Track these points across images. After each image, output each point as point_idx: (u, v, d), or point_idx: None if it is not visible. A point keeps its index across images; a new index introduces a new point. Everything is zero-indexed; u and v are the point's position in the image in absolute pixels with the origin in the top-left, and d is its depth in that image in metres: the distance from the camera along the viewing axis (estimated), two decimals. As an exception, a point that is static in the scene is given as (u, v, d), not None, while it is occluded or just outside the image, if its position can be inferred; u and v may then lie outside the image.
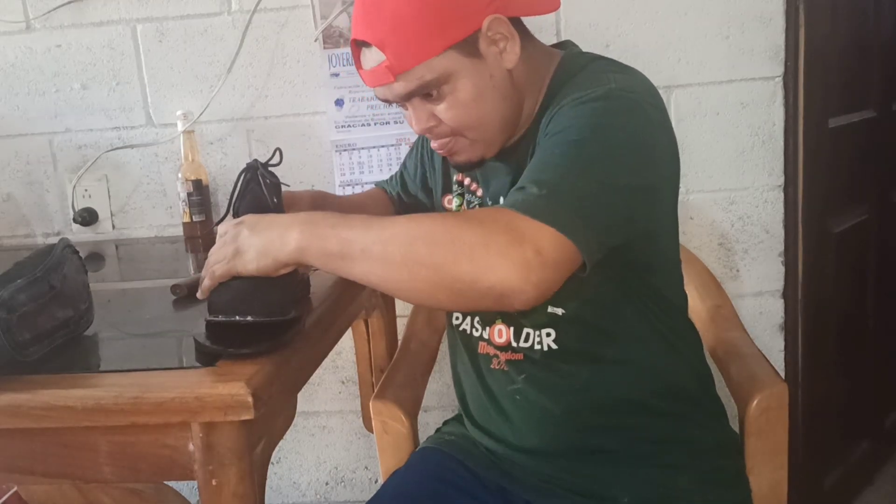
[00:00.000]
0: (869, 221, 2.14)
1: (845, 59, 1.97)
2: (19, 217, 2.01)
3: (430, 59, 1.06)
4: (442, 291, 0.91)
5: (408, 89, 1.09)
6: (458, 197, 1.30)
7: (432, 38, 1.06)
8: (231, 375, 0.92)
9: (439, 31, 1.06)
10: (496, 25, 1.09)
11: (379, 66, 1.07)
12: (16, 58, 1.93)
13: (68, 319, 1.05)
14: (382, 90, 1.12)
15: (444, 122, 1.12)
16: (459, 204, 1.29)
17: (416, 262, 0.91)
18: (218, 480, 0.93)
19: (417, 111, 1.12)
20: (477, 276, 0.88)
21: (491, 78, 1.10)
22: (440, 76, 1.07)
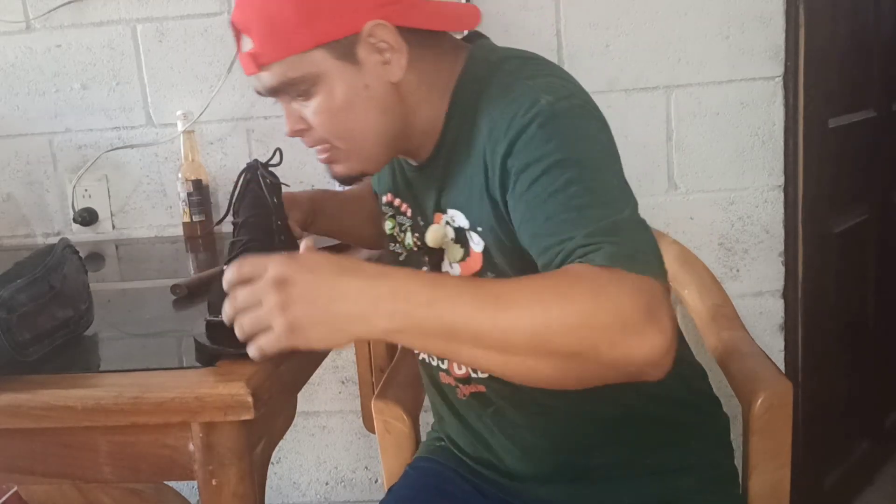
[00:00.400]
0: (869, 221, 2.14)
1: (845, 59, 1.97)
2: (19, 217, 2.01)
3: (296, 55, 0.97)
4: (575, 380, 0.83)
5: (272, 84, 1.01)
6: (389, 219, 1.20)
7: (301, 32, 0.96)
8: (231, 375, 0.92)
9: (310, 25, 0.96)
10: (380, 33, 0.98)
11: (248, 52, 0.99)
12: (16, 58, 1.93)
13: (68, 319, 1.05)
14: (253, 81, 1.03)
15: (314, 128, 1.04)
16: (392, 226, 1.19)
17: (547, 352, 0.80)
18: (218, 480, 0.93)
19: (287, 110, 1.05)
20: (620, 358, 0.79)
21: (366, 88, 1.00)
22: (306, 76, 0.99)
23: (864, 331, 2.20)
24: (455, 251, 1.06)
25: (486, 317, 0.79)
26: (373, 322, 0.80)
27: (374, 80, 1.00)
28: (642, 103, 1.79)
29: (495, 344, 0.80)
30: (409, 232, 1.15)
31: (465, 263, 1.05)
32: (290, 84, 1.00)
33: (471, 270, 1.05)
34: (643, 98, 1.79)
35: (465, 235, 1.04)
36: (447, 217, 1.07)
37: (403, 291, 0.80)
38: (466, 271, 1.05)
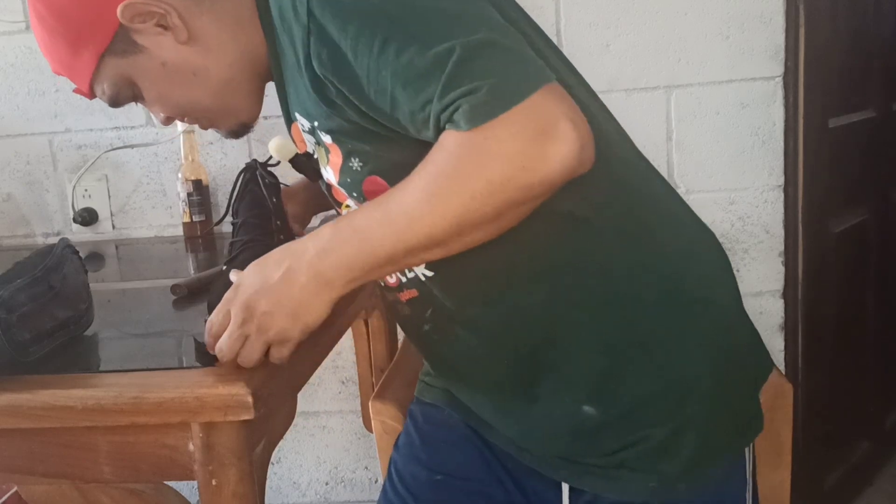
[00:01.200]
0: (869, 221, 2.14)
1: (845, 59, 1.97)
2: (19, 217, 2.01)
3: (95, 74, 1.03)
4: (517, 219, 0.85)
5: (109, 101, 1.07)
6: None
7: (79, 55, 1.01)
8: (231, 375, 0.92)
9: (81, 46, 1.01)
10: (132, 11, 0.97)
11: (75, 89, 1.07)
12: (16, 58, 1.93)
13: (68, 319, 1.05)
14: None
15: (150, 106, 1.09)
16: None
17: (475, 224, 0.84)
18: (218, 480, 0.93)
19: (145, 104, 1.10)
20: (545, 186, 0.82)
21: (164, 65, 1.01)
22: (118, 84, 1.05)
23: (864, 331, 2.20)
24: (322, 155, 1.00)
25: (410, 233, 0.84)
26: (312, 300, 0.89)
27: (166, 52, 1.00)
28: (642, 103, 1.79)
29: (430, 245, 0.85)
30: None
31: (332, 161, 0.98)
32: (117, 96, 1.06)
33: (337, 165, 0.98)
34: (643, 98, 1.79)
35: (317, 135, 0.98)
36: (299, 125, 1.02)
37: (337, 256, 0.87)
38: (335, 167, 0.98)
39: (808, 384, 1.91)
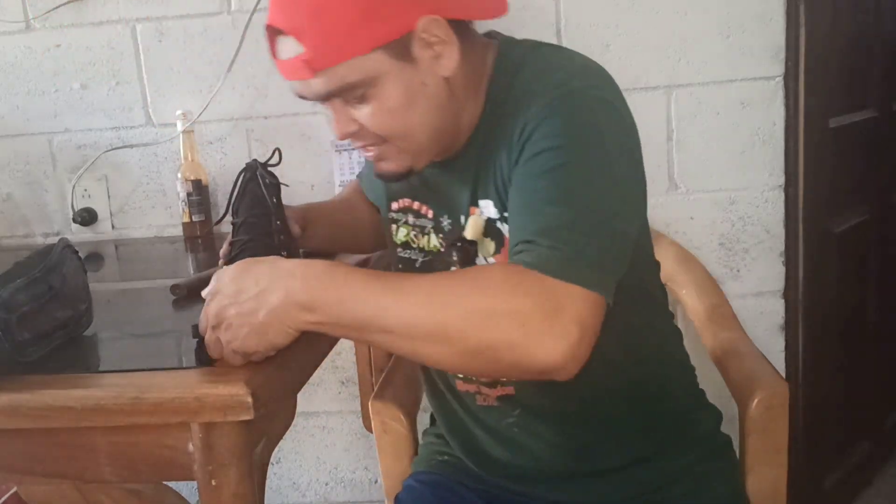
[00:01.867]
0: (870, 221, 2.14)
1: (846, 58, 1.97)
2: (19, 217, 2.01)
3: (355, 58, 0.94)
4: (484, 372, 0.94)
5: (328, 88, 0.98)
6: (403, 226, 1.17)
7: (358, 34, 0.93)
8: (231, 375, 0.92)
9: (367, 27, 0.93)
10: (432, 27, 0.96)
11: (296, 58, 0.95)
12: (16, 58, 1.93)
13: (68, 319, 1.05)
14: (299, 86, 1.00)
15: (368, 128, 1.01)
16: (406, 233, 1.17)
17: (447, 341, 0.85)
18: (218, 481, 0.92)
19: (338, 114, 1.02)
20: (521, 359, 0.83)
21: (423, 86, 0.99)
22: (365, 78, 0.96)
23: (864, 331, 2.20)
24: (488, 245, 1.06)
25: (391, 309, 0.86)
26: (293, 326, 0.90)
27: (429, 76, 0.99)
28: (642, 103, 1.79)
29: (401, 332, 0.86)
30: (431, 234, 1.13)
31: (500, 255, 1.05)
32: (348, 88, 0.97)
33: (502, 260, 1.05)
34: (643, 98, 1.79)
35: (497, 227, 1.04)
36: (479, 210, 1.06)
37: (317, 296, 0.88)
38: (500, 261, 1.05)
39: (808, 384, 1.91)
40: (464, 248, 1.08)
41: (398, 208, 1.18)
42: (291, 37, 0.95)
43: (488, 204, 1.05)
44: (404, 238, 1.17)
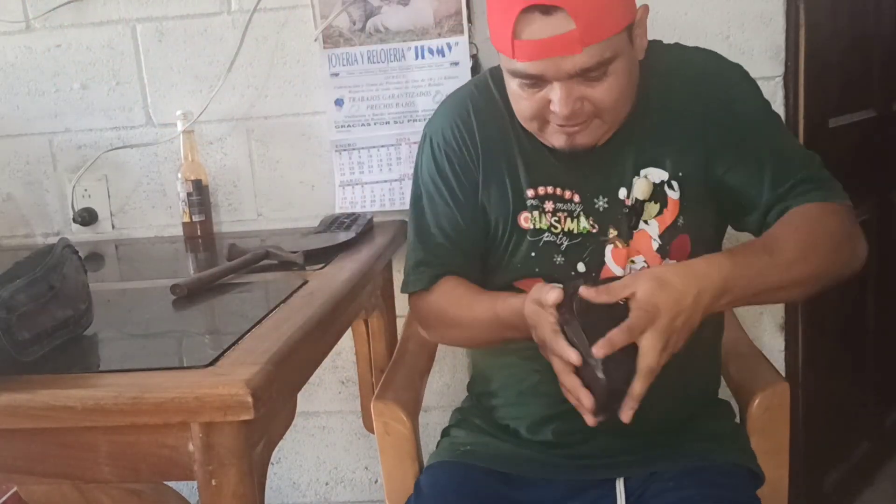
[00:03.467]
0: (869, 221, 2.14)
1: (845, 58, 1.96)
2: (19, 217, 2.01)
3: (613, 36, 1.07)
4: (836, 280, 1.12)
5: (587, 64, 1.06)
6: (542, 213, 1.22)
7: (618, 13, 1.07)
8: (231, 375, 0.92)
9: (623, 7, 1.08)
10: (644, 13, 1.14)
11: (566, 34, 1.04)
12: (16, 58, 1.93)
13: (68, 319, 1.05)
14: (545, 65, 1.07)
15: (592, 104, 1.11)
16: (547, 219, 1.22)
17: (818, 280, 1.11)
18: (218, 480, 0.93)
19: (570, 91, 1.09)
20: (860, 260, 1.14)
21: (635, 65, 1.14)
22: (612, 56, 1.08)
23: (864, 331, 2.20)
24: (651, 208, 1.20)
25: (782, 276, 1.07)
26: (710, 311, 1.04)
27: (635, 57, 1.15)
28: (642, 103, 1.79)
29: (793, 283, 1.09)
30: (580, 217, 1.22)
31: (662, 217, 1.20)
32: (601, 64, 1.07)
33: (669, 220, 1.20)
34: (643, 98, 1.79)
35: (663, 189, 1.20)
36: (638, 178, 1.20)
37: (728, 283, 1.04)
38: (664, 222, 1.20)
39: (808, 384, 1.91)
40: (634, 209, 1.20)
41: (536, 195, 1.23)
42: (566, 13, 1.03)
43: (653, 171, 1.20)
44: (547, 224, 1.23)
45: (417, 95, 1.81)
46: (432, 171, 1.28)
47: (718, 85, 1.21)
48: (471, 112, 1.26)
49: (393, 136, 1.84)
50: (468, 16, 1.77)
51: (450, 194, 1.26)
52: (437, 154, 1.27)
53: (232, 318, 1.26)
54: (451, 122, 1.26)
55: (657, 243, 1.21)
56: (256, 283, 1.38)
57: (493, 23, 1.11)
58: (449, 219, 1.26)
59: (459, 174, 1.26)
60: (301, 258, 1.44)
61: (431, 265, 1.27)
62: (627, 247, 1.21)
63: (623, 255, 1.21)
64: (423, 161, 1.30)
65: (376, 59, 1.81)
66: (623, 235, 1.21)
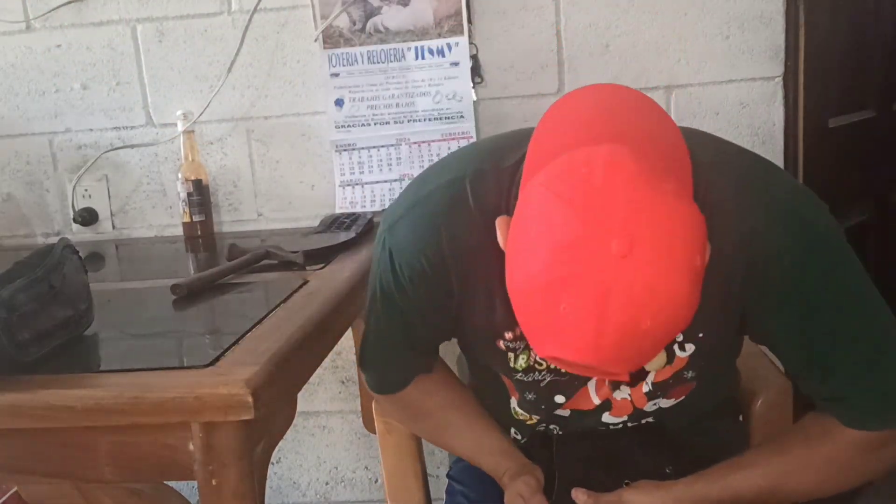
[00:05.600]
0: (869, 222, 2.14)
1: (845, 59, 1.96)
2: (19, 217, 2.01)
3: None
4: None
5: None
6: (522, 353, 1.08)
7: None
8: (231, 375, 0.92)
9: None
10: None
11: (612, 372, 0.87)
12: (16, 58, 1.93)
13: (68, 319, 1.05)
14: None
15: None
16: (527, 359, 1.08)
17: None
18: (218, 480, 0.93)
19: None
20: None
21: None
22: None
23: None
24: (658, 360, 1.06)
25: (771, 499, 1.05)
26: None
27: None
28: (642, 103, 1.79)
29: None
30: None
31: (663, 370, 1.07)
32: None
33: (669, 373, 1.07)
34: (643, 98, 1.79)
35: (671, 347, 1.05)
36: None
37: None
38: (662, 375, 1.08)
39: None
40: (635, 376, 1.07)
41: (514, 337, 1.06)
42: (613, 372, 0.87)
43: None
44: (525, 364, 1.09)
45: (417, 96, 1.81)
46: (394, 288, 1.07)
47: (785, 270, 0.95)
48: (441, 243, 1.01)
49: (393, 136, 1.84)
50: (468, 16, 1.77)
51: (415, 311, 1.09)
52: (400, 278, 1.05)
53: (232, 318, 1.26)
54: (417, 253, 1.03)
55: (648, 388, 1.09)
56: (256, 283, 1.38)
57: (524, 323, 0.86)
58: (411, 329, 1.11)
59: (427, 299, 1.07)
60: (301, 258, 1.44)
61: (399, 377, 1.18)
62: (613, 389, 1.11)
63: (606, 391, 1.11)
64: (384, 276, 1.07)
65: (376, 59, 1.81)
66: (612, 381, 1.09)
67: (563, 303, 0.78)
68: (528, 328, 0.85)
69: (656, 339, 0.82)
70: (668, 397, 1.11)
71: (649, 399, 1.10)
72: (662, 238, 0.78)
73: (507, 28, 1.79)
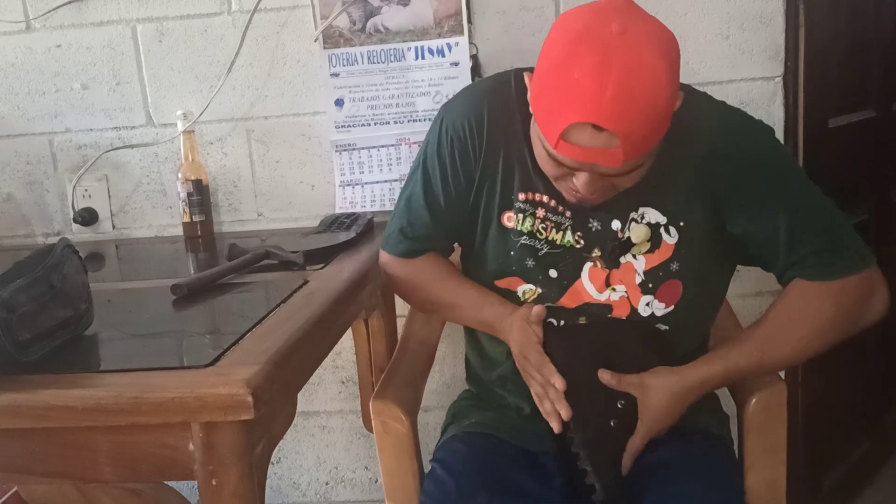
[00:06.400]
0: (869, 221, 2.14)
1: (845, 59, 1.96)
2: (19, 217, 2.01)
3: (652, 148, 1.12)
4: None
5: (621, 172, 1.11)
6: (528, 217, 1.28)
7: (664, 127, 1.11)
8: (231, 375, 0.93)
9: (669, 119, 1.11)
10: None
11: (611, 150, 1.07)
12: (16, 58, 1.93)
13: (68, 319, 1.05)
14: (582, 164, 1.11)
15: (614, 187, 1.16)
16: (533, 224, 1.27)
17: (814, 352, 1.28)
18: (218, 480, 0.93)
19: (595, 183, 1.13)
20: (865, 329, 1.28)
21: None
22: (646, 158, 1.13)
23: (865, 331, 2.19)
24: (642, 245, 1.24)
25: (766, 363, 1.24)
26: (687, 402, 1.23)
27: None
28: (642, 103, 1.79)
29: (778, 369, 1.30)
30: (567, 231, 1.26)
31: (652, 255, 1.24)
32: (633, 167, 1.13)
33: (657, 260, 1.24)
34: (643, 98, 1.79)
35: (658, 230, 1.23)
36: (635, 214, 1.23)
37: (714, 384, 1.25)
38: (652, 261, 1.24)
39: (808, 384, 1.91)
40: (620, 245, 1.24)
41: (526, 199, 1.28)
42: (616, 136, 1.06)
43: (651, 211, 1.23)
44: (530, 228, 1.28)
45: (417, 96, 1.81)
46: (436, 151, 1.33)
47: (739, 143, 1.22)
48: (485, 112, 1.29)
49: (393, 136, 1.84)
50: (468, 16, 1.77)
51: (442, 179, 1.32)
52: (443, 139, 1.32)
53: (232, 317, 1.26)
54: (465, 115, 1.30)
55: (640, 278, 1.25)
56: (256, 283, 1.38)
57: (542, 108, 1.12)
58: (438, 200, 1.33)
59: (458, 166, 1.31)
60: (301, 258, 1.44)
61: (416, 239, 1.37)
62: (608, 270, 1.25)
63: (601, 277, 1.26)
64: (431, 138, 1.35)
65: (376, 59, 1.81)
66: (606, 258, 1.25)
67: (576, 71, 1.05)
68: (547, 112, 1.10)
69: (645, 104, 1.05)
70: (659, 298, 1.24)
71: (643, 293, 1.24)
72: (647, 28, 1.08)
73: (507, 28, 1.79)
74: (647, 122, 1.06)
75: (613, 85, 1.03)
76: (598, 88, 1.04)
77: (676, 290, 1.25)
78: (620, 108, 1.04)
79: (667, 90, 1.06)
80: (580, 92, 1.05)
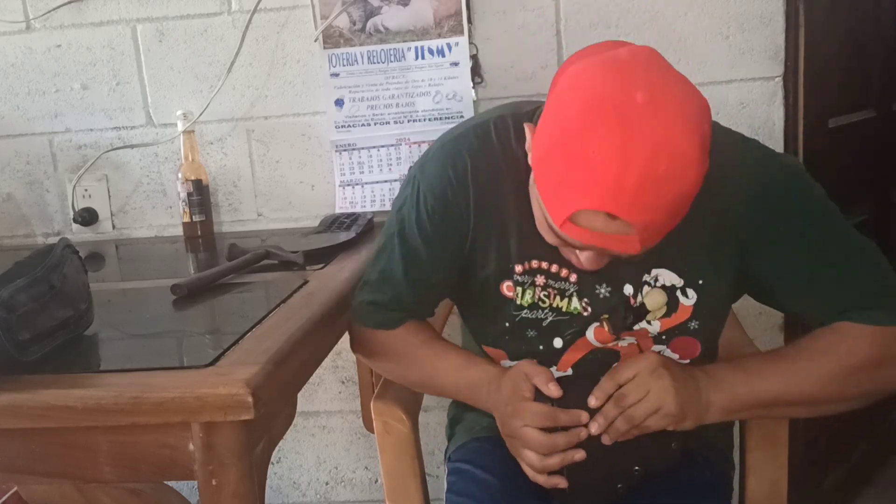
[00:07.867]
0: (869, 221, 2.14)
1: (845, 59, 1.97)
2: (19, 217, 2.01)
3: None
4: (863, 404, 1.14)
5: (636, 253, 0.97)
6: (528, 289, 1.15)
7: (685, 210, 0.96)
8: (231, 375, 0.93)
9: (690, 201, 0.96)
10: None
11: (626, 237, 0.93)
12: (16, 58, 1.93)
13: (68, 319, 1.05)
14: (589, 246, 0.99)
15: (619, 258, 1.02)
16: (533, 295, 1.15)
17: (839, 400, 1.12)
18: (218, 480, 0.93)
19: (602, 259, 1.02)
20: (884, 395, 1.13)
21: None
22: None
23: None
24: (658, 311, 1.13)
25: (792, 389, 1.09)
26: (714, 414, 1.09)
27: None
28: (642, 103, 1.79)
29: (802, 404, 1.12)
30: (573, 297, 1.14)
31: (668, 319, 1.13)
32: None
33: (673, 322, 1.13)
34: (643, 98, 1.79)
35: (675, 293, 1.12)
36: (648, 277, 1.12)
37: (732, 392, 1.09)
38: (667, 324, 1.13)
39: (808, 384, 1.91)
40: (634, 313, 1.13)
41: (524, 270, 1.15)
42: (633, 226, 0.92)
43: (665, 272, 1.12)
44: (531, 300, 1.15)
45: (417, 96, 1.81)
46: (413, 221, 1.17)
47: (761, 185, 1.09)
48: (468, 169, 1.14)
49: (393, 136, 1.84)
50: (468, 16, 1.77)
51: (426, 248, 1.17)
52: (422, 207, 1.16)
53: (232, 318, 1.26)
54: (443, 178, 1.15)
55: (654, 335, 1.15)
56: (256, 283, 1.38)
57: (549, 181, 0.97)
58: (425, 271, 1.19)
59: (443, 233, 1.17)
60: (301, 258, 1.44)
61: (395, 309, 1.22)
62: (615, 336, 1.14)
63: (608, 339, 1.15)
64: (406, 205, 1.19)
65: (376, 59, 1.81)
66: (614, 323, 1.13)
67: (591, 147, 0.89)
68: (554, 186, 0.95)
69: (671, 190, 0.90)
70: (673, 349, 1.15)
71: (655, 343, 1.14)
72: (678, 96, 0.91)
73: (507, 28, 1.79)
74: (670, 209, 0.92)
75: (636, 170, 0.88)
76: (617, 174, 0.88)
77: (694, 347, 1.15)
78: (642, 199, 0.89)
79: (696, 172, 0.91)
80: (596, 175, 0.89)
